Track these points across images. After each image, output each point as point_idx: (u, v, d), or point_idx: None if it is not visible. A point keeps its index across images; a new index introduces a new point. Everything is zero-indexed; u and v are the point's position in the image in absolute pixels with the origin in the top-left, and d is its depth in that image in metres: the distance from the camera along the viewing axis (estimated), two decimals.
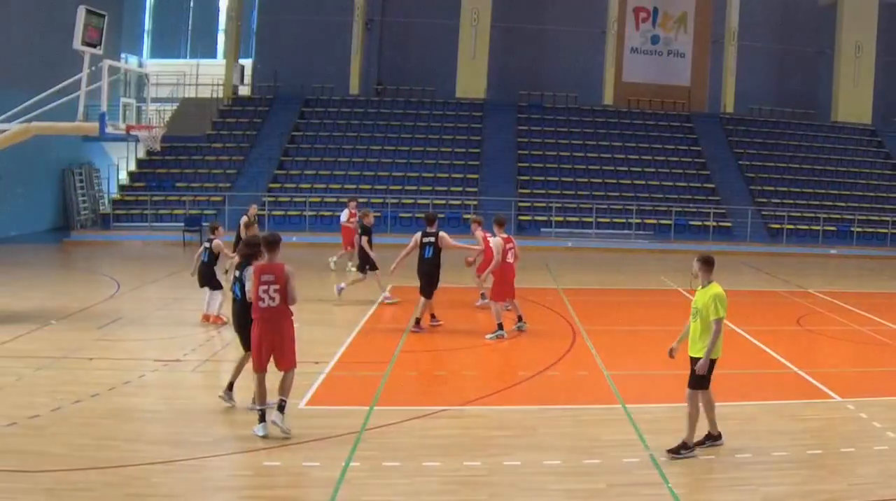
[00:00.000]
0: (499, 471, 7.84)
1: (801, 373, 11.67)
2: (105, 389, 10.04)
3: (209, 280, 14.16)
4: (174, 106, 34.75)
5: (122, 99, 15.39)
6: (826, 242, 29.41)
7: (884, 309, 16.99)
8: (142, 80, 16.71)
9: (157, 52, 40.20)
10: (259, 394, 8.74)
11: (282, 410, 8.52)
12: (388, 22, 37.30)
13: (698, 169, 32.57)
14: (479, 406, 9.91)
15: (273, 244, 8.74)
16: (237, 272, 9.32)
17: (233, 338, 10.45)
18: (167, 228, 27.83)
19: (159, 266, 21.49)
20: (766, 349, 13.14)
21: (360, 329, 14.20)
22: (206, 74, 36.66)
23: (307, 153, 31.91)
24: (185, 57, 39.88)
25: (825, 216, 30.00)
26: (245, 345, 9.28)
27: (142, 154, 31.26)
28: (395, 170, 31.12)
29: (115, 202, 29.78)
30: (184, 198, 28.84)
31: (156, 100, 31.65)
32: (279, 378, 8.67)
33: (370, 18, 36.45)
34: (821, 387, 10.91)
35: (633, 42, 36.46)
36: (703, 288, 8.35)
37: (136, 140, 16.09)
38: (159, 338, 13.16)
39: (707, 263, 8.39)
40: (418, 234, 14.14)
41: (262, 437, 8.42)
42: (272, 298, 8.53)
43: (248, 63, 37.00)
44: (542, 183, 31.10)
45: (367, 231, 16.65)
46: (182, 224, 27.57)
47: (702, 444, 8.39)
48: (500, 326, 13.53)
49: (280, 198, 29.41)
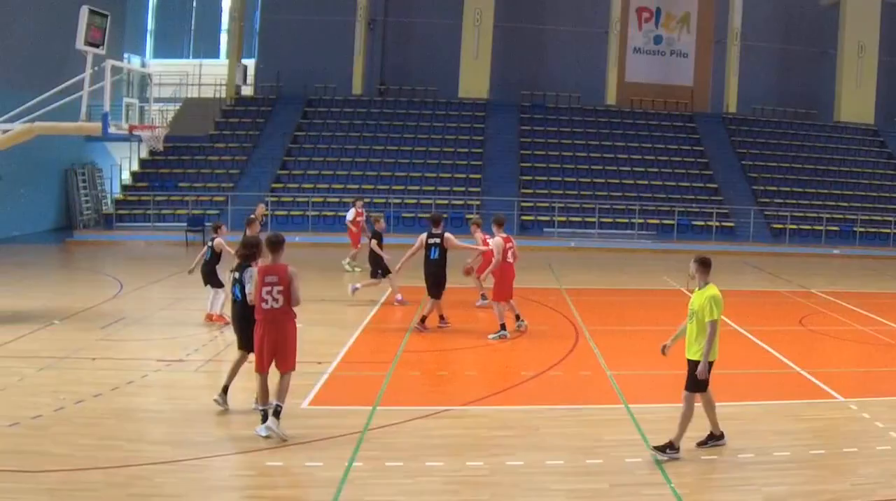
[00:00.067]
0: (501, 471, 7.84)
1: (803, 373, 11.65)
2: (108, 389, 10.05)
3: (210, 278, 14.20)
4: (177, 106, 34.84)
5: (125, 99, 15.46)
6: (829, 242, 29.37)
7: (886, 309, 16.95)
8: (145, 80, 16.77)
9: (159, 52, 40.24)
10: (261, 395, 8.75)
11: (277, 416, 8.44)
12: (391, 22, 37.29)
13: (701, 169, 32.54)
14: (481, 406, 9.92)
15: (277, 245, 8.72)
16: (236, 273, 9.25)
17: (235, 339, 10.45)
18: (170, 228, 27.86)
19: (162, 266, 21.49)
20: (768, 349, 13.12)
21: (363, 329, 14.21)
22: (209, 74, 36.72)
23: (310, 153, 31.92)
24: (187, 57, 39.88)
25: (828, 216, 29.98)
26: (242, 345, 9.26)
27: (145, 154, 31.31)
28: (398, 170, 31.13)
29: (117, 202, 29.81)
30: (186, 198, 28.87)
31: (158, 100, 31.86)
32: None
33: (373, 18, 36.44)
34: (823, 387, 10.90)
35: (635, 42, 36.46)
36: (699, 289, 8.34)
37: (139, 140, 16.08)
38: (162, 338, 13.17)
39: (704, 264, 8.36)
40: (423, 235, 14.08)
41: (265, 437, 8.41)
42: (276, 299, 8.49)
43: (250, 63, 37.01)
44: (545, 183, 31.08)
45: (379, 236, 16.71)
46: (185, 224, 27.62)
47: (704, 444, 8.40)
48: (503, 326, 13.51)
49: (283, 198, 29.44)
